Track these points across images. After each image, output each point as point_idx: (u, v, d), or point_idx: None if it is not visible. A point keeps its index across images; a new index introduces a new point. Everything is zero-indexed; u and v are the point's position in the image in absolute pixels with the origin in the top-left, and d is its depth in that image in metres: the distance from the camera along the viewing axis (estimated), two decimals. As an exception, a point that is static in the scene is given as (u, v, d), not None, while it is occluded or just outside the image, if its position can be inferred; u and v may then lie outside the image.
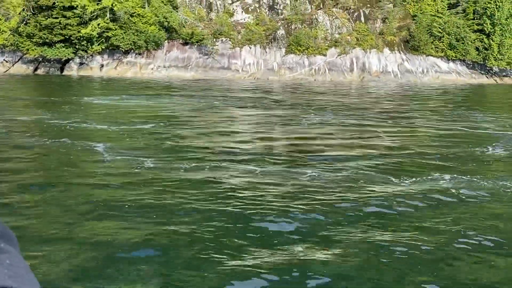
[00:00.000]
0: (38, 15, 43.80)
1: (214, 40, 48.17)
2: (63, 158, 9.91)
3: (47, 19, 43.02)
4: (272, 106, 22.36)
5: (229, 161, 9.77)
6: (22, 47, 43.69)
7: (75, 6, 42.71)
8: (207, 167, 9.31)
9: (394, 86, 43.15)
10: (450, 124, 17.60)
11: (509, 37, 53.85)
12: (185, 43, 47.49)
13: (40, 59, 44.98)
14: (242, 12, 51.54)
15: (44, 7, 43.78)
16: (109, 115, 17.40)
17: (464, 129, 16.39)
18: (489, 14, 53.89)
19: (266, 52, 49.36)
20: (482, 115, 20.64)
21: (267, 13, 52.29)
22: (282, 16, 52.19)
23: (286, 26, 51.36)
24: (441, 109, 23.53)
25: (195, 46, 47.34)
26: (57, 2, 43.44)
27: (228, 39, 48.76)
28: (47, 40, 43.14)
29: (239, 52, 48.55)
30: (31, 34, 43.18)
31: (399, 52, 53.25)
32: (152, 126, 14.53)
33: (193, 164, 9.41)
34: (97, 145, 10.92)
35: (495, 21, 53.51)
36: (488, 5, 53.89)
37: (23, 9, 44.46)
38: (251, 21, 50.64)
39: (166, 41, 47.08)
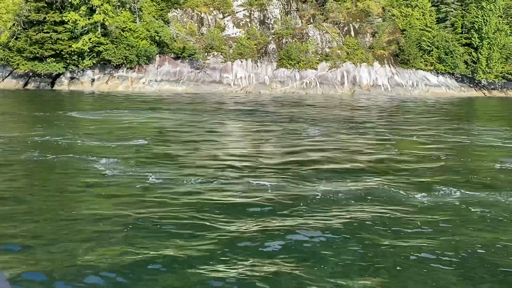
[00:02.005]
0: (29, 29, 43.65)
1: (206, 54, 48.31)
2: (61, 175, 9.74)
3: (37, 33, 42.85)
4: (267, 120, 22.32)
5: (236, 177, 9.64)
6: (12, 62, 43.40)
7: (66, 21, 42.63)
8: (214, 182, 9.17)
9: (386, 99, 43.43)
10: (453, 137, 17.56)
11: (497, 50, 54.64)
12: (177, 58, 47.56)
13: (31, 74, 44.71)
14: (233, 26, 51.81)
15: (34, 22, 43.66)
16: (102, 131, 17.22)
17: (470, 142, 16.35)
18: (476, 28, 54.74)
19: (257, 66, 49.57)
20: (485, 128, 20.66)
21: (258, 28, 52.61)
22: (273, 31, 52.55)
23: (277, 40, 51.70)
24: (440, 122, 23.60)
25: (187, 60, 47.41)
26: (48, 17, 43.37)
27: (220, 53, 48.94)
28: (37, 55, 42.92)
29: (231, 66, 48.70)
30: (22, 49, 42.95)
31: (389, 66, 53.77)
32: (148, 142, 14.39)
33: (199, 180, 9.27)
34: (95, 162, 10.76)
35: (483, 35, 54.34)
36: (476, 19, 54.73)
37: (14, 24, 44.27)
38: (242, 36, 50.91)
39: (157, 56, 47.10)
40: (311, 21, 54.13)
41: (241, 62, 49.10)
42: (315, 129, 18.98)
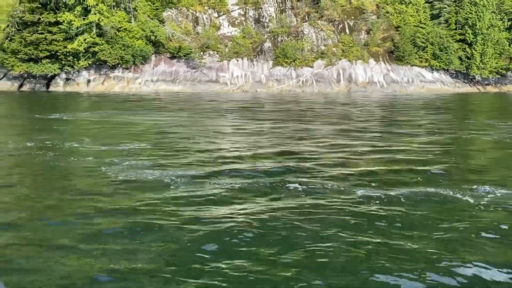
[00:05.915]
0: (23, 31, 43.39)
1: (202, 53, 48.25)
2: (65, 182, 9.67)
3: (32, 35, 42.62)
4: (271, 118, 22.30)
5: (254, 182, 9.52)
6: (7, 64, 43.13)
7: (61, 21, 42.43)
8: (233, 184, 9.10)
9: (383, 96, 43.54)
10: (473, 133, 17.49)
11: (491, 46, 54.96)
12: (173, 57, 47.47)
13: (25, 76, 44.45)
14: (229, 25, 51.78)
15: (29, 23, 43.42)
16: (101, 133, 17.07)
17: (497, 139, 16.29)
18: (470, 24, 55.03)
19: (253, 64, 49.57)
20: (503, 124, 20.55)
21: (253, 26, 52.61)
22: (268, 29, 52.57)
23: (272, 38, 51.72)
24: (448, 118, 23.57)
25: (183, 59, 47.34)
26: (43, 17, 43.15)
27: (216, 52, 48.91)
28: (32, 56, 42.71)
29: (227, 65, 48.68)
30: (16, 51, 42.70)
31: (384, 63, 53.95)
32: (153, 144, 14.32)
33: (222, 189, 9.18)
34: (99, 166, 10.68)
35: (476, 30, 54.64)
36: (470, 15, 55.02)
37: (8, 25, 43.98)
38: (238, 34, 50.90)
39: (153, 55, 47.02)
40: (306, 19, 54.20)
41: (237, 61, 49.10)
42: (323, 127, 18.93)
